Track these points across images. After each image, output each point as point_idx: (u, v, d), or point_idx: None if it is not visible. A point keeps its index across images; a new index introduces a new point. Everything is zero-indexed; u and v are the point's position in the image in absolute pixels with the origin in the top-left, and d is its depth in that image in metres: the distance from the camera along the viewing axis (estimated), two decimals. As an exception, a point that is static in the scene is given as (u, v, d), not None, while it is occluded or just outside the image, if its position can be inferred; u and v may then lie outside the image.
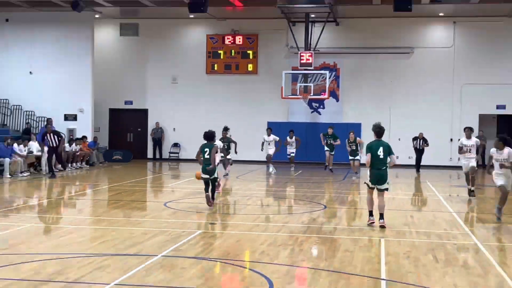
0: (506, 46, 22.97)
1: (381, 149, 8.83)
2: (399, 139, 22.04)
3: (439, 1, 21.17)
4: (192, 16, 22.72)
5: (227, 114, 23.90)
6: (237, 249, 8.45)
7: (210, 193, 10.66)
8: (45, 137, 17.08)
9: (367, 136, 21.92)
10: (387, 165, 8.86)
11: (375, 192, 9.21)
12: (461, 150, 13.93)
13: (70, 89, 23.39)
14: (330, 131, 19.68)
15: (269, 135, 19.32)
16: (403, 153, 21.68)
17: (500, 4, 20.93)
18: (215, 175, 10.69)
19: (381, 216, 8.77)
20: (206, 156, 10.63)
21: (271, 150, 19.37)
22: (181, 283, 6.13)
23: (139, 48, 25.72)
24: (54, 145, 16.77)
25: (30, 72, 23.47)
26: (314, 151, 22.87)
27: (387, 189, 9.08)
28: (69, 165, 20.31)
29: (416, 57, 23.62)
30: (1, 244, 8.35)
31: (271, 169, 19.28)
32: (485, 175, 18.70)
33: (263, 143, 19.60)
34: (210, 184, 10.60)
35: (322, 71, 22.87)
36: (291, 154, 19.89)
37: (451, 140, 22.54)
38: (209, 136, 10.81)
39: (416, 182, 19.39)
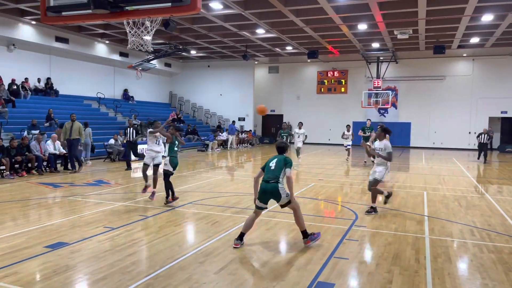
0: (508, 73, 25.51)
1: (274, 161, 6.00)
2: (435, 132, 26.96)
3: (463, 46, 23.03)
4: (309, 60, 27.59)
5: (327, 117, 28.80)
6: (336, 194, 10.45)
7: None
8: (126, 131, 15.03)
9: (415, 131, 27.53)
10: (280, 179, 5.81)
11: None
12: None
13: (241, 103, 29.45)
14: (368, 122, 17.95)
15: (300, 128, 16.88)
16: (437, 140, 26.98)
17: (504, 48, 23.10)
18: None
19: (304, 234, 5.99)
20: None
21: (300, 143, 16.55)
22: (306, 211, 7.90)
23: (279, 79, 30.82)
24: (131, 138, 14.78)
25: (220, 94, 29.85)
26: None
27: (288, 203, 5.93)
28: (241, 145, 26.21)
29: (447, 81, 26.88)
30: (207, 187, 11.00)
31: (299, 160, 16.96)
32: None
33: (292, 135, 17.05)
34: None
35: (387, 91, 26.50)
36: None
37: (469, 132, 26.43)
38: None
39: (446, 160, 20.45)
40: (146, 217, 7.67)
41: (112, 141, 17.57)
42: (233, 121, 27.54)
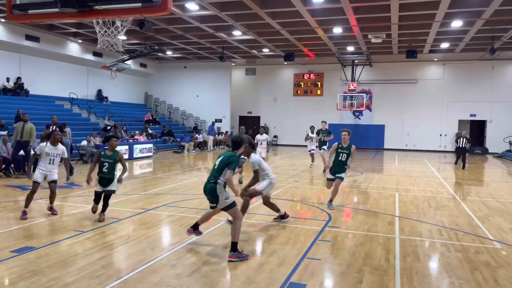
0: (476, 78, 26.22)
1: (219, 159, 5.65)
2: (408, 134, 27.53)
3: (434, 51, 23.56)
4: (285, 63, 28.13)
5: (304, 119, 28.43)
6: (313, 196, 10.98)
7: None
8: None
9: (389, 134, 28.03)
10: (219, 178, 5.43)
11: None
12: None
13: (218, 105, 29.23)
14: (323, 125, 15.52)
15: (262, 134, 13.53)
16: (410, 143, 27.45)
17: (473, 53, 23.59)
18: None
19: (233, 246, 5.44)
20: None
21: (264, 152, 12.86)
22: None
23: (256, 81, 30.95)
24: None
25: (197, 95, 29.64)
26: (357, 141, 28.07)
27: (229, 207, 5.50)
28: (217, 146, 25.99)
29: (419, 85, 27.52)
30: (181, 189, 11.18)
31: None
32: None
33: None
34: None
35: (361, 94, 26.79)
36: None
37: (440, 135, 27.19)
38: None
39: (420, 162, 20.89)
40: (118, 219, 7.54)
41: (84, 142, 17.23)
42: (213, 122, 27.53)
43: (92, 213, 7.47)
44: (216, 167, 5.65)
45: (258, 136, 13.52)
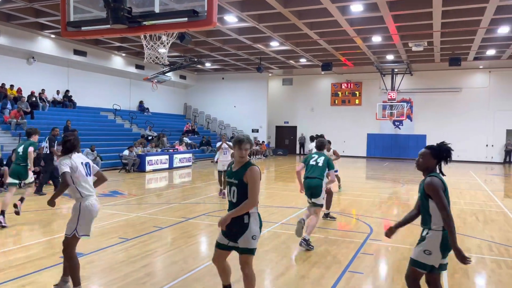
0: None
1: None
2: (451, 144, 27.41)
3: (479, 58, 22.89)
4: (323, 72, 27.08)
5: (342, 128, 28.48)
6: (350, 207, 10.72)
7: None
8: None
9: (431, 142, 27.24)
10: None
11: None
12: None
13: (255, 115, 29.48)
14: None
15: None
16: (454, 153, 27.11)
17: None
18: None
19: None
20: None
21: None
22: (320, 225, 7.91)
23: (293, 91, 30.97)
24: None
25: (234, 106, 29.96)
26: (397, 151, 27.40)
27: None
28: (254, 156, 26.11)
29: (463, 93, 26.60)
30: (221, 198, 13.24)
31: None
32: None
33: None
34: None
35: (402, 103, 26.25)
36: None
37: (487, 145, 26.11)
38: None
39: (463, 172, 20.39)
40: (160, 228, 7.70)
41: (126, 152, 17.78)
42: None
43: None
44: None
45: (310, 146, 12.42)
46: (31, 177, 8.11)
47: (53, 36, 19.24)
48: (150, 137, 22.41)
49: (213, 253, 4.06)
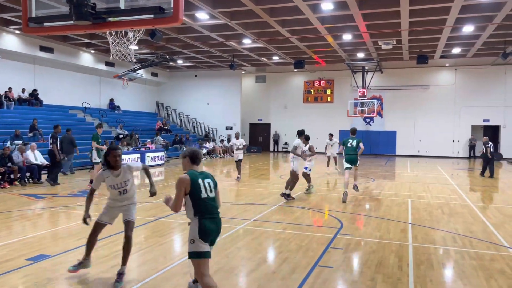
0: (489, 83, 26.11)
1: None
2: (420, 140, 27.27)
3: (446, 56, 23.53)
4: (295, 70, 28.00)
5: (315, 125, 28.25)
6: (323, 203, 10.78)
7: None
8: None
9: (401, 140, 27.83)
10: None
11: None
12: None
13: (229, 112, 29.45)
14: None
15: (238, 138, 14.81)
16: (422, 149, 27.18)
17: (485, 58, 23.73)
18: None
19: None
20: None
21: (241, 155, 14.61)
22: (292, 220, 8.34)
23: (266, 89, 31.08)
24: None
25: (208, 104, 29.89)
26: (368, 147, 26.75)
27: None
28: (227, 154, 26.04)
29: (431, 90, 27.36)
30: None
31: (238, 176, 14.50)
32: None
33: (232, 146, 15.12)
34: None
35: (372, 100, 26.87)
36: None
37: (453, 141, 26.93)
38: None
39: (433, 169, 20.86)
40: (130, 227, 7.55)
41: (97, 151, 17.28)
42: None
43: None
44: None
45: (234, 140, 14.99)
46: None
47: (17, 32, 18.58)
48: (121, 136, 22.00)
49: (183, 251, 4.06)
